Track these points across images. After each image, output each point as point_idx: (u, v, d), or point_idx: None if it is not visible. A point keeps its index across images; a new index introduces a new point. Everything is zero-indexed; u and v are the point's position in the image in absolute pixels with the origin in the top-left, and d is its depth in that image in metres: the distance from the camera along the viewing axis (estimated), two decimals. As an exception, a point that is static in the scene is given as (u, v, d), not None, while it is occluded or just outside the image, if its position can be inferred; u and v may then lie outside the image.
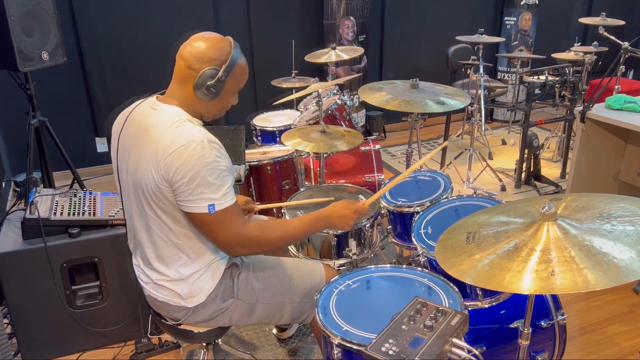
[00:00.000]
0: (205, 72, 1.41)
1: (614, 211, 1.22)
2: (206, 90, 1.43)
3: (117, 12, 3.87)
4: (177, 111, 1.44)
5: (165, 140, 1.37)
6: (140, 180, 1.42)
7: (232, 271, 1.61)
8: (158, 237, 1.49)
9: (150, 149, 1.39)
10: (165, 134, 1.38)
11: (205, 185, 1.36)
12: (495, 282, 1.12)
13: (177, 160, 1.34)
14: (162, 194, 1.40)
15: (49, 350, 2.23)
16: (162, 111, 1.44)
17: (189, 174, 1.34)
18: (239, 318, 1.63)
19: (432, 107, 2.24)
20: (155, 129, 1.40)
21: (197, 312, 1.56)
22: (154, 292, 1.57)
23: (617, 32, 3.68)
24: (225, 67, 1.42)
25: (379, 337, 1.10)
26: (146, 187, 1.41)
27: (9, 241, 2.09)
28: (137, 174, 1.43)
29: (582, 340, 2.29)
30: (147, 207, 1.45)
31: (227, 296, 1.59)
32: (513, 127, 5.05)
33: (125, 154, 1.50)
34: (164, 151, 1.36)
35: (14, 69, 2.60)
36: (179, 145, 1.35)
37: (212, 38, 1.45)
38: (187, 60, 1.43)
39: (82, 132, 4.09)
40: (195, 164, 1.34)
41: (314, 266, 1.74)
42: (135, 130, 1.47)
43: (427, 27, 5.03)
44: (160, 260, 1.53)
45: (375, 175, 2.90)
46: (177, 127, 1.39)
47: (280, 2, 4.43)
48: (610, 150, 3.12)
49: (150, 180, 1.39)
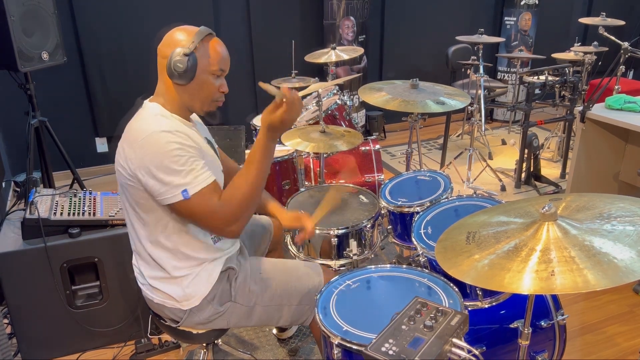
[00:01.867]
0: (173, 53, 1.40)
1: (614, 211, 1.22)
2: (177, 68, 1.39)
3: (117, 12, 3.87)
4: (152, 106, 1.45)
5: (131, 136, 1.38)
6: (122, 182, 1.44)
7: (229, 275, 1.60)
8: (145, 238, 1.49)
9: (123, 147, 1.40)
10: (131, 130, 1.40)
11: (172, 173, 1.33)
12: (495, 282, 1.12)
13: (140, 153, 1.34)
14: (139, 193, 1.41)
15: (49, 350, 2.23)
16: (144, 109, 1.46)
17: (152, 167, 1.33)
18: (237, 321, 1.63)
19: (432, 107, 2.24)
20: (132, 128, 1.42)
21: (194, 315, 1.56)
22: (150, 293, 1.58)
23: (617, 32, 3.68)
24: (190, 44, 1.40)
25: (379, 337, 1.10)
26: (127, 189, 1.43)
27: (9, 241, 2.09)
28: (119, 176, 1.44)
29: (582, 340, 2.29)
30: (130, 208, 1.47)
31: (225, 300, 1.59)
32: (513, 127, 5.05)
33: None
34: (128, 147, 1.37)
35: (14, 69, 2.60)
36: (141, 138, 1.35)
37: (181, 27, 1.46)
38: (160, 51, 1.44)
39: (82, 132, 4.10)
40: (153, 157, 1.33)
41: (312, 268, 1.74)
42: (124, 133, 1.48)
43: (427, 27, 5.03)
44: (152, 261, 1.53)
45: (375, 175, 2.90)
46: (147, 119, 1.40)
47: (280, 2, 4.43)
48: (610, 150, 3.12)
49: (127, 181, 1.40)
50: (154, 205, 1.41)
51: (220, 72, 1.48)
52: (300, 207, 2.21)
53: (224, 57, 1.48)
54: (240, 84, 4.46)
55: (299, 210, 2.17)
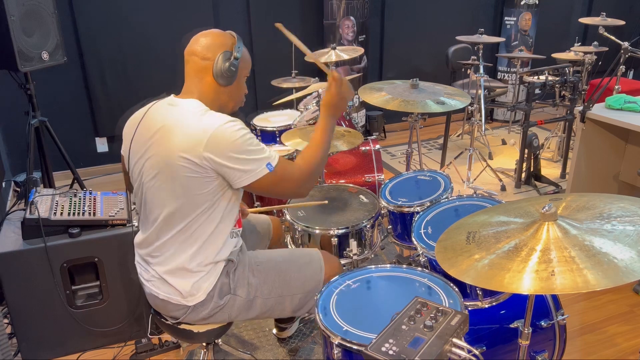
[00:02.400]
0: (220, 56, 1.50)
1: (614, 211, 1.22)
2: (227, 72, 1.51)
3: (117, 12, 3.87)
4: (196, 103, 1.51)
5: (197, 131, 1.42)
6: (174, 172, 1.44)
7: (228, 268, 1.61)
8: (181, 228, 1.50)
9: (180, 142, 1.42)
10: (194, 126, 1.43)
11: (253, 153, 1.45)
12: (495, 282, 1.12)
13: (219, 145, 1.41)
14: (201, 184, 1.44)
15: (49, 350, 2.23)
16: (182, 105, 1.50)
17: (233, 155, 1.42)
18: (237, 314, 1.63)
19: (432, 107, 2.24)
20: (181, 122, 1.45)
21: (197, 310, 1.57)
22: (155, 289, 1.58)
23: (617, 32, 3.68)
24: (235, 47, 1.53)
25: (379, 337, 1.10)
26: (181, 178, 1.44)
27: (9, 241, 2.09)
28: (169, 166, 1.44)
29: (582, 340, 2.29)
30: (172, 198, 1.47)
31: (224, 293, 1.59)
32: (513, 127, 5.05)
33: (144, 149, 1.52)
34: (198, 142, 1.40)
35: (14, 69, 2.60)
36: (211, 131, 1.41)
37: (215, 30, 1.56)
38: (200, 53, 1.51)
39: (82, 132, 4.10)
40: (233, 141, 1.42)
41: (311, 255, 1.74)
42: (155, 127, 1.49)
43: (427, 27, 5.03)
44: (174, 253, 1.53)
45: (375, 175, 2.90)
46: (202, 115, 1.46)
47: (280, 2, 4.43)
48: (610, 150, 3.12)
49: (185, 171, 1.42)
50: (208, 196, 1.47)
51: (248, 75, 1.62)
52: (299, 207, 2.21)
53: (250, 60, 1.63)
54: (240, 84, 4.45)
55: (300, 211, 2.17)
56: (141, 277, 1.64)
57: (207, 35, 1.53)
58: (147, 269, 1.61)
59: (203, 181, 1.44)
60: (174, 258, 1.54)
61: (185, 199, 1.47)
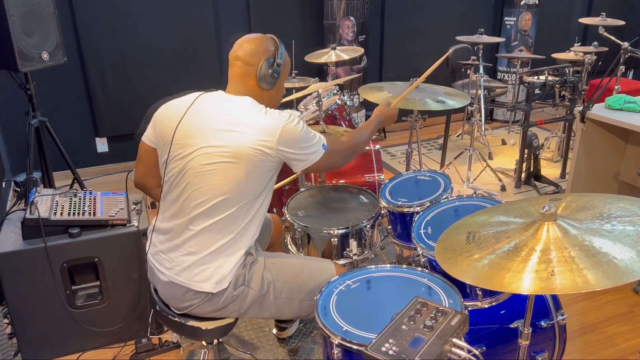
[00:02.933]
0: (264, 62, 1.60)
1: (614, 211, 1.22)
2: (269, 77, 1.61)
3: (117, 13, 3.87)
4: (251, 100, 1.60)
5: (267, 123, 1.54)
6: (237, 158, 1.51)
7: (246, 260, 1.63)
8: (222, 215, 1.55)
9: (253, 132, 1.52)
10: (264, 119, 1.54)
11: (310, 141, 1.62)
12: (495, 282, 1.12)
13: (286, 139, 1.55)
14: (265, 169, 1.56)
15: (49, 350, 2.23)
16: (239, 101, 1.59)
17: (299, 143, 1.58)
18: (248, 307, 1.64)
19: (431, 106, 2.24)
20: (247, 116, 1.55)
21: (214, 299, 1.58)
22: (178, 277, 1.58)
23: (617, 32, 3.69)
24: (278, 54, 1.63)
25: (379, 337, 1.10)
26: (246, 163, 1.52)
27: (9, 241, 2.09)
28: (232, 153, 1.51)
29: (582, 340, 2.29)
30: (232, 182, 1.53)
31: (239, 284, 1.60)
32: (513, 127, 5.05)
33: (194, 137, 1.56)
34: (272, 134, 1.53)
35: (14, 69, 2.60)
36: (282, 124, 1.54)
37: (258, 36, 1.64)
38: (244, 59, 1.60)
39: (82, 132, 4.09)
40: (298, 135, 1.57)
41: (325, 264, 1.77)
42: (209, 118, 1.57)
43: (427, 27, 5.03)
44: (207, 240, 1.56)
45: (375, 175, 2.90)
46: (266, 111, 1.57)
47: (280, 2, 4.43)
48: (610, 150, 3.12)
49: (253, 157, 1.52)
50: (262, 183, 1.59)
51: (287, 77, 1.75)
52: (300, 207, 2.21)
53: (289, 63, 1.74)
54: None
55: (300, 211, 2.18)
56: (158, 266, 1.64)
57: (251, 41, 1.61)
58: (171, 257, 1.61)
59: (267, 169, 1.57)
60: (210, 244, 1.57)
61: (243, 186, 1.54)
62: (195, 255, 1.57)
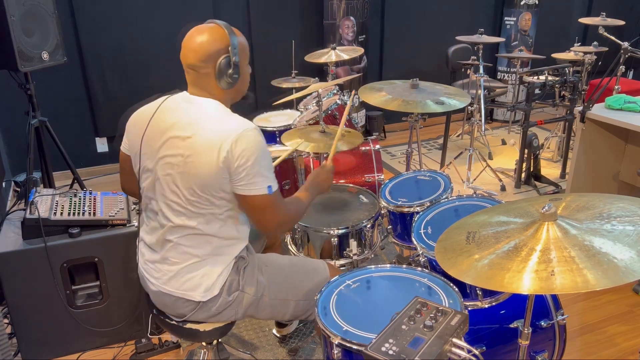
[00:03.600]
0: (220, 63, 1.46)
1: (614, 211, 1.22)
2: (229, 78, 1.49)
3: (117, 12, 3.87)
4: (215, 103, 1.50)
5: (223, 129, 1.42)
6: (191, 170, 1.43)
7: (239, 264, 1.61)
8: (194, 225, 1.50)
9: (202, 138, 1.42)
10: (219, 123, 1.44)
11: (264, 168, 1.44)
12: (495, 282, 1.12)
13: (240, 145, 1.41)
14: (215, 180, 1.43)
15: (49, 350, 2.23)
16: (201, 105, 1.49)
17: (251, 158, 1.42)
18: (244, 311, 1.63)
19: (432, 107, 2.24)
20: (204, 120, 1.45)
21: (206, 307, 1.57)
22: (166, 287, 1.56)
23: (617, 32, 3.68)
24: (232, 49, 1.47)
25: (379, 337, 1.10)
26: (200, 175, 1.43)
27: (9, 241, 2.09)
28: (187, 161, 1.44)
29: (582, 340, 2.29)
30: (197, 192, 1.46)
31: (234, 289, 1.59)
32: (513, 127, 5.05)
33: (158, 144, 1.50)
34: (225, 138, 1.40)
35: (14, 69, 2.60)
36: (239, 131, 1.42)
37: (204, 36, 1.46)
38: (197, 66, 1.47)
39: (82, 132, 4.10)
40: (255, 149, 1.42)
41: (318, 264, 1.76)
42: (173, 124, 1.48)
43: (427, 27, 5.03)
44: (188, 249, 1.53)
45: (375, 175, 2.90)
46: (228, 115, 1.47)
47: (280, 2, 4.43)
48: (610, 150, 3.12)
49: (205, 167, 1.42)
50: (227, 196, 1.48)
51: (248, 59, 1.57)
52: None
53: (246, 42, 1.55)
54: (240, 84, 4.45)
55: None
56: (147, 276, 1.63)
57: (198, 46, 1.45)
58: (157, 268, 1.59)
59: (223, 182, 1.44)
60: (190, 255, 1.54)
61: (206, 195, 1.46)
62: (179, 264, 1.55)
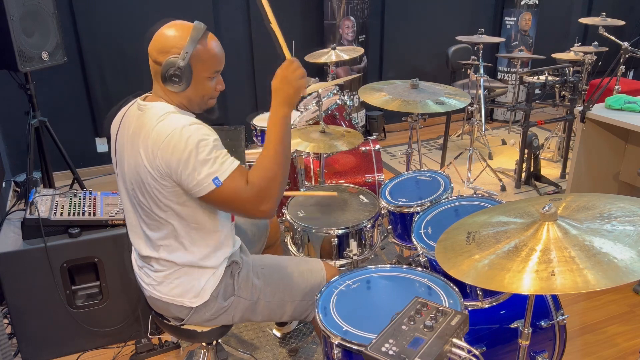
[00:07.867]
0: (166, 62, 1.38)
1: (614, 211, 1.22)
2: (173, 80, 1.39)
3: (117, 12, 3.87)
4: (162, 106, 1.43)
5: (152, 137, 1.36)
6: (143, 180, 1.42)
7: (232, 269, 1.61)
8: (162, 236, 1.48)
9: (143, 149, 1.39)
10: (152, 132, 1.37)
11: (201, 164, 1.34)
12: (495, 282, 1.12)
13: (167, 152, 1.34)
14: (164, 189, 1.39)
15: (49, 350, 2.23)
16: (148, 110, 1.43)
17: (181, 161, 1.33)
18: (241, 315, 1.63)
19: (432, 107, 2.23)
20: (145, 129, 1.39)
21: (200, 312, 1.56)
22: (156, 292, 1.57)
23: (617, 32, 3.68)
24: (182, 53, 1.37)
25: (379, 337, 1.10)
26: (149, 186, 1.41)
27: (9, 241, 2.09)
28: (138, 174, 1.42)
29: (582, 340, 2.29)
30: (152, 205, 1.44)
31: (229, 294, 1.59)
32: (513, 127, 5.05)
33: (122, 153, 1.50)
34: (152, 148, 1.35)
35: (14, 69, 2.60)
36: (164, 137, 1.34)
37: (168, 31, 1.42)
38: (152, 55, 1.42)
39: (82, 132, 4.10)
40: (184, 149, 1.32)
41: (314, 264, 1.75)
42: (128, 132, 1.47)
43: (427, 27, 5.03)
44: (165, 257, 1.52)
45: (375, 176, 2.90)
46: (161, 121, 1.38)
47: (280, 2, 4.43)
48: (610, 150, 3.12)
49: (150, 179, 1.39)
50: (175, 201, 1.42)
51: (215, 74, 1.47)
52: (300, 207, 2.21)
53: (219, 57, 1.46)
54: (241, 84, 4.46)
55: (300, 211, 2.17)
56: (140, 280, 1.63)
57: (162, 34, 1.41)
58: (146, 273, 1.59)
59: (170, 190, 1.39)
60: (172, 263, 1.52)
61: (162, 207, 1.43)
62: (164, 272, 1.54)
